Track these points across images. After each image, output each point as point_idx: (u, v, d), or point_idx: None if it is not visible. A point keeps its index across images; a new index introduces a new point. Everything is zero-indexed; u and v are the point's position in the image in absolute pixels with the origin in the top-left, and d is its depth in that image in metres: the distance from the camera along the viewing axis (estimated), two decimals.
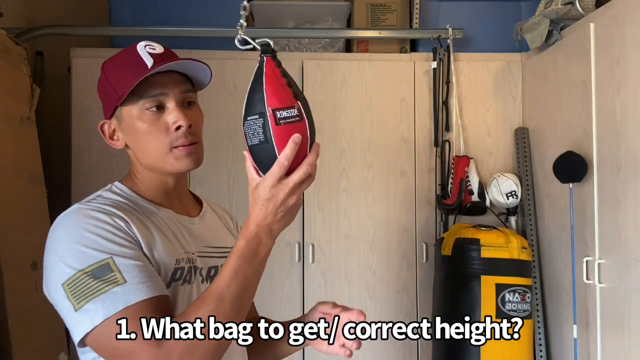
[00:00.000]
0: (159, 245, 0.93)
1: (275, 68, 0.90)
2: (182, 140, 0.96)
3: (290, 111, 0.85)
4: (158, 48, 1.00)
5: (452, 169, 2.37)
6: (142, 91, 0.95)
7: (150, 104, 0.96)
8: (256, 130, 0.85)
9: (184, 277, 0.96)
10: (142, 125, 0.96)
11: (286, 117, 0.84)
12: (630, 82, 1.68)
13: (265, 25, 2.51)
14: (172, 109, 0.97)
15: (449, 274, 2.14)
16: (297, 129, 0.85)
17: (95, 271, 0.83)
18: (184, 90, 0.99)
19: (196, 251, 1.01)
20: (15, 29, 2.21)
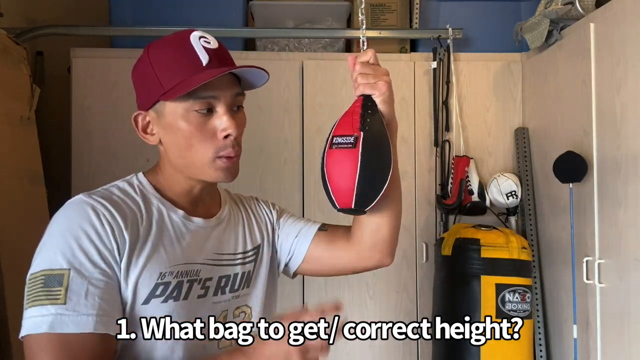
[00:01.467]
0: (143, 257, 0.87)
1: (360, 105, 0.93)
2: (229, 150, 0.91)
3: (346, 138, 0.89)
4: (213, 42, 0.92)
5: (452, 169, 2.37)
6: (194, 93, 0.88)
7: (200, 105, 0.88)
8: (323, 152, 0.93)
9: (169, 294, 0.88)
10: (188, 127, 0.89)
11: (339, 143, 0.89)
12: (630, 82, 1.68)
13: (265, 25, 2.52)
14: (221, 114, 0.90)
15: (449, 274, 2.14)
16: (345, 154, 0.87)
17: (48, 278, 0.80)
18: (235, 93, 0.92)
19: (205, 259, 0.95)
20: (15, 29, 2.21)
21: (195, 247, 0.94)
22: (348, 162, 0.88)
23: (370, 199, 0.89)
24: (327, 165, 0.90)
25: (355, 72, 0.95)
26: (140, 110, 0.94)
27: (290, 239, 1.11)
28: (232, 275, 0.99)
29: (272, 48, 2.49)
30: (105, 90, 2.30)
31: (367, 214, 0.98)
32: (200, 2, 2.42)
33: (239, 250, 1.02)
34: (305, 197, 2.35)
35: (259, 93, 2.41)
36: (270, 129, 2.36)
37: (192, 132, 0.89)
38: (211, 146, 0.90)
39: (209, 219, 0.99)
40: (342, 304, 0.86)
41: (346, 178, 0.88)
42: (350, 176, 0.87)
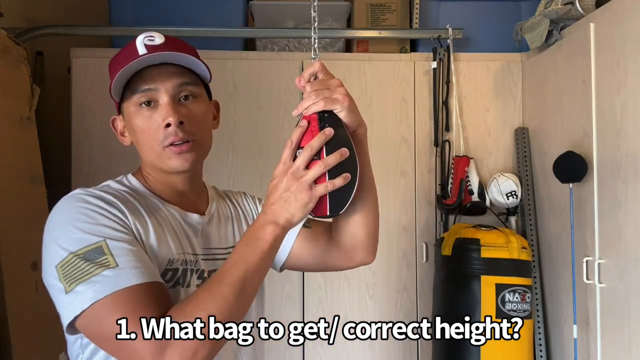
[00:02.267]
0: (152, 243, 0.89)
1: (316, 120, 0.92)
2: (172, 138, 0.91)
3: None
4: (158, 39, 0.93)
5: (452, 169, 2.37)
6: (134, 86, 0.92)
7: (140, 99, 0.93)
8: None
9: (176, 280, 0.90)
10: (137, 122, 0.94)
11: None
12: (630, 82, 1.68)
13: (265, 25, 2.52)
14: (162, 105, 0.92)
15: (449, 274, 2.14)
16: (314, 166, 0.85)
17: (88, 254, 0.80)
18: (179, 83, 0.93)
19: (200, 253, 0.98)
20: (15, 29, 2.21)
21: (194, 240, 0.97)
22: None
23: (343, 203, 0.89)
24: None
25: (307, 92, 0.90)
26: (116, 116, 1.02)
27: None
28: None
29: (272, 48, 2.49)
30: (105, 90, 2.26)
31: (343, 220, 1.05)
32: (200, 2, 2.42)
33: (230, 244, 1.04)
34: None
35: (259, 93, 2.43)
36: (270, 129, 2.36)
37: (141, 126, 0.93)
38: (156, 138, 0.92)
39: (202, 216, 1.01)
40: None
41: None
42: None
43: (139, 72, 0.92)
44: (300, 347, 2.32)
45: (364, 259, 1.12)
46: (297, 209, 0.83)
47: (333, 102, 0.91)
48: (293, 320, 2.33)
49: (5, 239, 1.80)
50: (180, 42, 0.97)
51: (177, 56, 0.92)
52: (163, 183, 0.99)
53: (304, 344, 2.33)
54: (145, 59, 0.90)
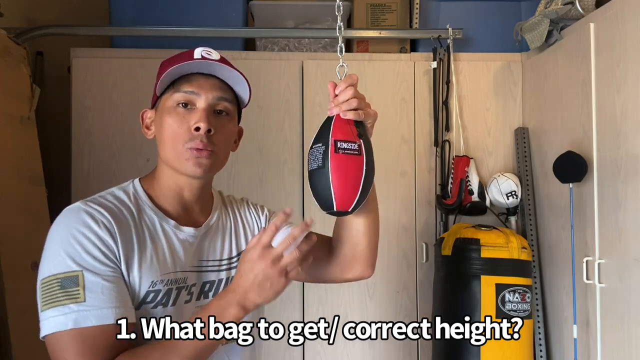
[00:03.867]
0: (136, 265, 0.91)
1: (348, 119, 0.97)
2: (197, 142, 0.95)
3: (351, 144, 0.93)
4: (214, 54, 1.00)
5: (452, 169, 2.37)
6: (179, 86, 0.97)
7: (180, 98, 0.97)
8: (317, 157, 0.95)
9: (158, 301, 0.93)
10: (170, 119, 0.97)
11: (345, 148, 0.93)
12: (630, 82, 1.68)
13: (265, 25, 2.52)
14: (198, 110, 0.97)
15: (449, 274, 2.14)
16: (353, 160, 0.93)
17: (64, 280, 0.85)
18: (219, 97, 0.99)
19: (191, 266, 1.00)
20: (15, 29, 2.21)
21: (184, 256, 0.99)
22: (355, 168, 0.93)
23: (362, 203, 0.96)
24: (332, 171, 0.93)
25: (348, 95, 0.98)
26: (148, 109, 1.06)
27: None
28: (217, 281, 1.03)
29: (272, 48, 2.49)
30: (105, 90, 2.30)
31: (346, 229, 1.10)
32: (200, 2, 2.42)
33: (225, 256, 1.06)
34: (306, 197, 2.35)
35: (259, 93, 2.42)
36: (270, 129, 2.36)
37: (171, 124, 0.97)
38: (183, 138, 0.96)
39: (198, 228, 1.03)
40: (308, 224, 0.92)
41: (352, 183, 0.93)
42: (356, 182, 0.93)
43: (187, 75, 0.98)
44: (300, 347, 2.32)
45: (362, 271, 1.15)
46: (271, 295, 0.88)
47: (368, 115, 1.00)
48: (293, 320, 2.33)
49: (5, 239, 1.80)
50: (230, 63, 1.02)
51: (227, 71, 0.98)
52: (170, 188, 1.01)
53: (304, 344, 2.33)
54: (199, 63, 0.96)
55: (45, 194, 2.13)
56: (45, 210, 2.09)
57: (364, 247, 1.11)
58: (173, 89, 0.98)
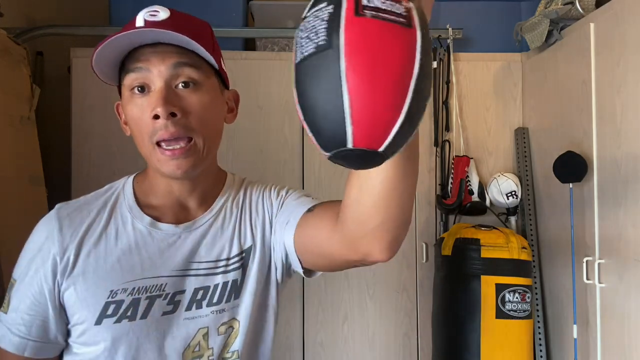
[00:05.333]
0: (93, 274, 0.81)
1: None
2: (161, 133, 0.77)
3: (393, 4, 0.46)
4: (162, 13, 0.80)
5: (452, 169, 2.37)
6: (127, 66, 0.79)
7: (134, 82, 0.78)
8: (316, 28, 0.45)
9: (122, 313, 0.79)
10: (130, 110, 0.80)
11: (379, 9, 0.44)
12: (630, 82, 1.68)
13: (265, 25, 2.52)
14: (154, 91, 0.77)
15: (449, 274, 2.14)
16: (396, 36, 0.44)
17: (10, 285, 0.86)
18: (175, 63, 0.78)
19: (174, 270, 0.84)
20: (15, 29, 2.21)
21: (161, 258, 0.83)
22: (400, 54, 0.45)
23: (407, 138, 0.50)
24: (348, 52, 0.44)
25: None
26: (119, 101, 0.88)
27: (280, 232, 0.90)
28: (211, 287, 0.85)
29: (272, 48, 2.49)
30: (105, 90, 2.27)
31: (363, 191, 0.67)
32: (200, 2, 2.42)
33: (222, 257, 0.88)
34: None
35: (259, 93, 2.43)
36: (270, 129, 2.36)
37: (132, 116, 0.79)
38: (145, 132, 0.78)
39: (181, 225, 0.87)
40: None
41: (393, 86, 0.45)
42: (401, 83, 0.45)
43: (133, 51, 0.79)
44: (300, 347, 2.31)
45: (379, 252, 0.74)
46: None
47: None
48: (293, 320, 2.33)
49: (5, 239, 1.80)
50: (189, 17, 0.84)
51: (173, 35, 0.77)
52: (158, 185, 0.88)
53: (303, 344, 2.33)
54: (135, 33, 0.77)
55: (45, 194, 2.12)
56: (45, 210, 2.08)
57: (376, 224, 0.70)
58: (124, 72, 0.80)
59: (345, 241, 0.75)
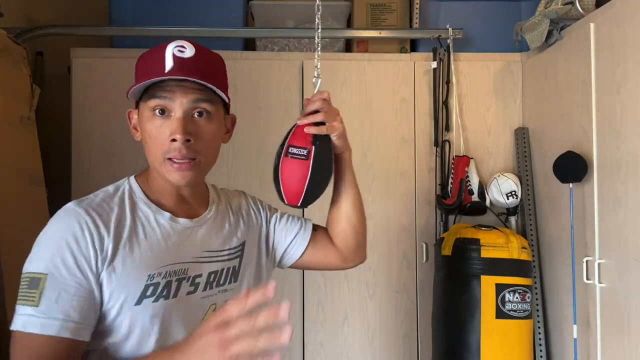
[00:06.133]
0: (128, 262, 0.91)
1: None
2: (175, 154, 0.94)
3: (301, 150, 1.06)
4: (188, 51, 0.96)
5: (452, 169, 2.37)
6: (153, 92, 0.95)
7: (156, 106, 0.95)
8: (275, 157, 1.08)
9: (159, 293, 0.93)
10: (149, 127, 0.96)
11: (294, 153, 1.06)
12: (630, 82, 1.68)
13: (265, 25, 2.52)
14: (174, 119, 0.95)
15: (449, 274, 2.14)
16: (299, 164, 1.05)
17: (32, 280, 0.88)
18: (195, 99, 0.95)
19: (194, 257, 1.00)
20: (15, 29, 2.21)
21: (182, 247, 0.99)
22: (300, 171, 1.06)
23: (311, 202, 1.09)
24: (281, 171, 1.08)
25: (315, 106, 1.12)
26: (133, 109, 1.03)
27: (288, 240, 1.22)
28: (219, 271, 1.05)
29: (272, 48, 2.49)
30: (105, 90, 2.30)
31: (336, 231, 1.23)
32: (200, 2, 2.42)
33: (225, 247, 1.07)
34: None
35: (259, 93, 2.43)
36: (270, 129, 2.36)
37: (150, 132, 0.96)
38: (160, 148, 0.95)
39: (195, 219, 1.04)
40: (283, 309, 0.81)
41: (297, 184, 1.06)
42: (300, 183, 1.06)
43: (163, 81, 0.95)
44: (300, 347, 2.32)
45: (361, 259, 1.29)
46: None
47: (332, 128, 1.11)
48: (293, 320, 2.33)
49: (5, 239, 1.80)
50: (209, 55, 1.02)
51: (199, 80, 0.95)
52: (163, 186, 1.02)
53: (303, 344, 2.33)
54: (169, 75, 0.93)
55: (45, 194, 2.13)
56: (45, 210, 2.09)
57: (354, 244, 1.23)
58: (147, 95, 0.96)
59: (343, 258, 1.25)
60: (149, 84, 0.94)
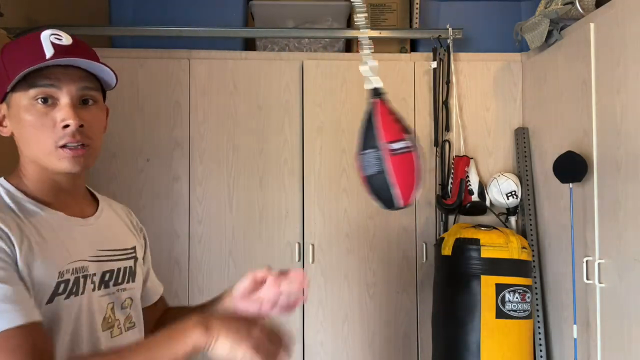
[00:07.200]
0: (38, 260, 0.88)
1: (384, 107, 1.04)
2: (68, 139, 0.92)
3: (405, 142, 1.00)
4: (65, 39, 0.94)
5: (452, 169, 2.37)
6: (33, 81, 0.91)
7: (37, 93, 0.91)
8: (371, 162, 1.01)
9: (70, 290, 0.91)
10: (29, 117, 0.92)
11: (401, 148, 1.00)
12: (630, 82, 1.68)
13: (265, 25, 2.52)
14: (62, 105, 0.92)
15: (449, 274, 2.14)
16: (412, 157, 1.00)
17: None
18: (82, 87, 0.95)
19: (89, 256, 0.97)
20: (16, 29, 2.21)
21: (80, 245, 0.97)
22: (412, 164, 1.01)
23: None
24: (393, 173, 0.99)
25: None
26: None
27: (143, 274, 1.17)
28: (116, 270, 1.03)
29: (272, 48, 2.49)
30: None
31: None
32: (200, 2, 2.42)
33: (120, 246, 1.06)
34: (305, 197, 2.35)
35: (259, 93, 2.42)
36: (270, 129, 2.36)
37: (33, 122, 0.92)
38: (50, 136, 0.92)
39: (88, 218, 1.02)
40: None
41: (411, 177, 1.01)
42: (415, 174, 1.01)
43: (42, 70, 0.91)
44: (300, 347, 2.32)
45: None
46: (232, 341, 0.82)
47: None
48: (293, 320, 2.33)
49: None
50: (86, 45, 0.99)
51: (87, 63, 0.94)
52: (45, 183, 0.97)
53: (303, 344, 2.33)
54: (54, 61, 0.90)
55: None
56: None
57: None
58: (26, 84, 0.91)
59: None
60: (27, 72, 0.90)
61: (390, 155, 0.99)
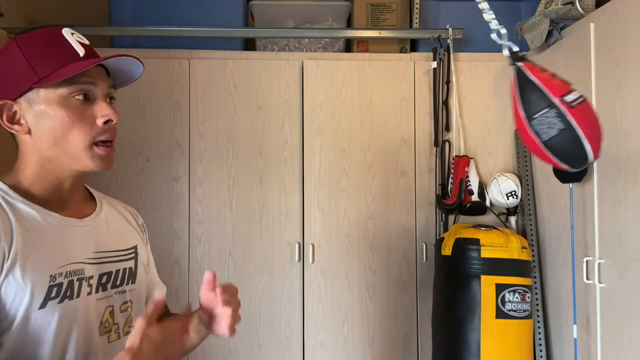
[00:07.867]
0: (29, 264, 0.86)
1: (534, 67, 0.98)
2: (108, 134, 0.95)
3: (576, 94, 0.92)
4: (83, 38, 0.97)
5: (452, 169, 2.37)
6: (72, 79, 0.91)
7: (78, 91, 0.92)
8: (550, 122, 0.92)
9: (64, 294, 0.89)
10: (66, 112, 0.91)
11: (577, 99, 0.92)
12: (630, 82, 1.68)
13: (265, 25, 2.52)
14: (101, 101, 0.95)
15: (449, 274, 2.14)
16: (590, 106, 0.91)
17: None
18: (110, 85, 0.98)
19: (86, 258, 0.95)
20: (15, 29, 2.21)
21: (76, 247, 0.94)
22: (592, 112, 0.94)
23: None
24: (579, 126, 0.91)
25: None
26: (4, 100, 0.92)
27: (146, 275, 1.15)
28: (114, 272, 1.01)
29: (272, 48, 2.49)
30: None
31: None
32: (200, 2, 2.42)
33: (119, 247, 1.04)
34: (305, 197, 2.35)
35: (259, 93, 2.42)
36: (270, 129, 2.36)
37: (70, 117, 0.92)
38: (89, 132, 0.93)
39: (85, 219, 0.99)
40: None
41: (597, 127, 0.94)
42: (598, 124, 0.94)
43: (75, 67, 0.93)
44: (300, 347, 2.32)
45: None
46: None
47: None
48: (293, 320, 2.33)
49: None
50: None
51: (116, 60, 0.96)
52: (47, 184, 0.95)
53: (303, 344, 2.33)
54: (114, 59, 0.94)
55: None
56: None
57: None
58: (65, 81, 0.90)
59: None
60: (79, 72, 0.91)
61: (569, 108, 0.92)
